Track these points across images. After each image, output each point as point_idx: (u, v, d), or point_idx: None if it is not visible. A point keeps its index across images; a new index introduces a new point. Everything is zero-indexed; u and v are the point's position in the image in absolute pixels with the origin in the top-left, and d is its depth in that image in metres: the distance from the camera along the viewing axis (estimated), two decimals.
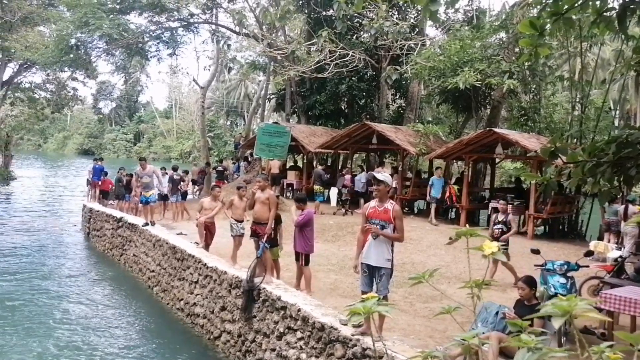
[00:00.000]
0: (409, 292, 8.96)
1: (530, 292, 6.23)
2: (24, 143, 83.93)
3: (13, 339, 9.17)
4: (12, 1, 36.05)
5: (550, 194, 13.38)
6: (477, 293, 1.81)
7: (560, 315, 1.25)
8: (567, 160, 4.10)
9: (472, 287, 1.83)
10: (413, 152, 16.91)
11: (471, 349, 1.55)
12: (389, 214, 6.41)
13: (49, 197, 30.95)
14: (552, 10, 3.99)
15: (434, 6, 4.03)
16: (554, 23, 3.99)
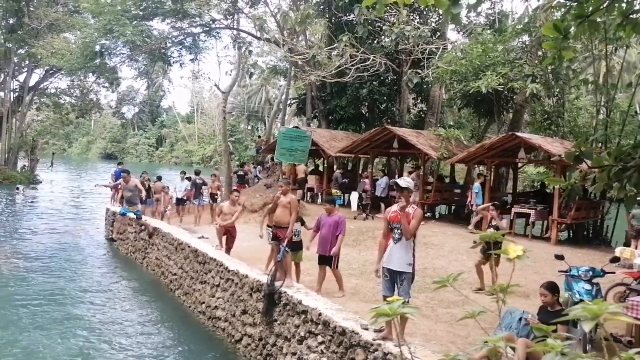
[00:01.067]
0: (430, 297, 8.91)
1: (553, 298, 6.13)
2: (49, 147, 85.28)
3: (37, 340, 9.31)
4: (39, 8, 36.82)
5: (575, 199, 13.19)
6: (502, 297, 1.79)
7: (590, 318, 1.23)
8: (592, 164, 4.05)
9: (497, 291, 1.82)
10: (434, 156, 16.82)
11: (497, 352, 1.53)
12: (410, 217, 6.39)
13: (73, 201, 31.43)
14: (577, 13, 3.94)
15: (455, 9, 4.01)
16: (578, 26, 3.94)
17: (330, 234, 8.84)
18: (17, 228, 21.03)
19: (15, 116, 40.19)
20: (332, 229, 8.84)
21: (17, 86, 41.37)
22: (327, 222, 9.00)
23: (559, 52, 4.11)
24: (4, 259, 15.19)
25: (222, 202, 13.30)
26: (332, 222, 8.90)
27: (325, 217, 9.15)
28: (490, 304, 2.12)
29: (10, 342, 9.16)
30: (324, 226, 9.01)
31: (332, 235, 8.84)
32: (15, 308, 10.96)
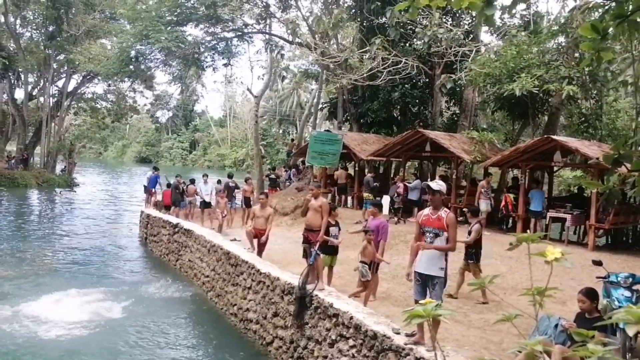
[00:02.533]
0: (463, 302, 8.79)
1: (592, 305, 5.97)
2: (86, 151, 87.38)
3: (72, 336, 9.52)
4: (77, 16, 37.77)
5: (613, 203, 12.86)
6: (539, 301, 1.75)
7: (634, 322, 1.19)
8: (632, 168, 3.93)
9: (534, 294, 1.78)
10: (467, 159, 16.61)
11: (535, 357, 1.50)
12: (443, 221, 6.33)
13: (109, 203, 32.08)
14: (616, 13, 3.84)
15: (489, 10, 3.95)
16: (617, 26, 3.83)
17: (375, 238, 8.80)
18: (56, 229, 21.58)
19: (54, 121, 41.26)
20: (374, 234, 8.80)
21: (56, 91, 42.49)
22: (371, 226, 8.99)
23: (597, 53, 4.01)
24: (44, 258, 15.60)
25: (254, 206, 13.39)
26: (374, 227, 8.86)
27: (371, 220, 9.15)
28: (527, 308, 2.08)
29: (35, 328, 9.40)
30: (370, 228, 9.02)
31: (376, 238, 8.79)
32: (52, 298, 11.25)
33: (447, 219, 6.35)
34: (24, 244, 18.06)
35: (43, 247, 17.61)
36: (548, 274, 1.93)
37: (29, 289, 12.39)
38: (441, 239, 6.35)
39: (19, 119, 41.17)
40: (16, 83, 42.75)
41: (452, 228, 6.35)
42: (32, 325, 9.97)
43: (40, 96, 43.48)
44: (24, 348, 9.00)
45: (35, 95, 44.28)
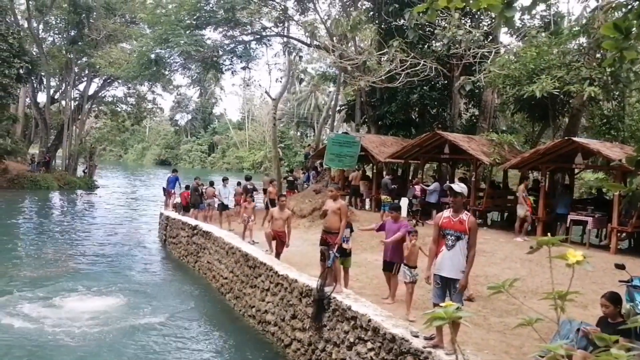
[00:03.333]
0: (482, 305, 8.71)
1: (615, 309, 5.87)
2: (106, 154, 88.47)
3: (91, 336, 9.62)
4: (98, 20, 38.31)
5: (636, 206, 12.65)
6: (560, 305, 1.73)
7: None
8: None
9: (555, 298, 1.75)
10: (487, 162, 16.48)
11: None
12: (465, 224, 6.27)
13: (129, 205, 32.42)
14: (639, 11, 3.78)
15: (509, 12, 3.91)
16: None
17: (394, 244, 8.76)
18: (77, 231, 21.87)
19: (75, 124, 41.85)
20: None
21: (77, 95, 43.13)
22: (391, 229, 8.95)
23: (620, 53, 3.95)
24: (65, 260, 15.81)
25: (272, 208, 13.43)
26: (396, 230, 8.84)
27: (391, 224, 9.11)
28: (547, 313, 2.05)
29: (59, 328, 9.51)
30: (388, 232, 8.98)
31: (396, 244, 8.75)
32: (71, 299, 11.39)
33: (469, 223, 6.29)
34: (47, 245, 18.33)
35: (65, 248, 17.85)
36: (569, 278, 1.90)
37: (52, 289, 12.56)
38: (462, 242, 6.28)
39: (41, 122, 41.84)
40: (39, 87, 43.47)
41: (473, 232, 6.30)
42: (55, 326, 10.10)
43: (62, 100, 44.16)
44: (47, 348, 9.12)
45: (57, 99, 44.99)
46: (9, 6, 35.88)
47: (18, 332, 9.68)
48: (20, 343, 9.23)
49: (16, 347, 9.08)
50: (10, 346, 9.09)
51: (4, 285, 12.65)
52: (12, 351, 8.91)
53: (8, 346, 9.08)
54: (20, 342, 9.26)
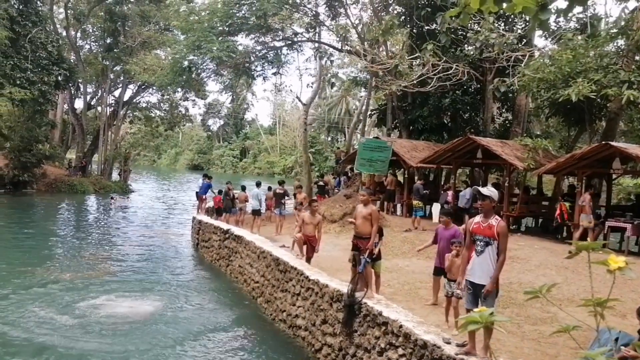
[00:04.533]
0: (516, 312, 8.55)
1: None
2: (140, 159, 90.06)
3: (119, 342, 9.78)
4: (133, 28, 39.13)
5: None
6: (600, 312, 1.68)
7: None
8: None
9: (595, 305, 1.71)
10: (520, 167, 16.21)
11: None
12: (493, 229, 6.18)
13: (162, 209, 32.91)
14: None
15: (544, 15, 3.84)
16: None
17: (447, 248, 8.65)
18: (112, 234, 22.30)
19: (110, 129, 42.76)
20: (448, 242, 8.67)
21: (113, 101, 44.08)
22: (443, 236, 8.85)
23: None
24: (101, 263, 16.13)
25: (303, 213, 13.44)
26: (449, 236, 8.73)
27: (442, 230, 9.01)
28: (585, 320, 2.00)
29: (94, 330, 9.70)
30: (441, 240, 8.88)
31: (448, 249, 8.63)
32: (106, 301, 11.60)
33: (498, 227, 6.18)
34: (83, 248, 18.73)
35: (100, 251, 18.22)
36: (607, 286, 1.85)
37: (88, 292, 12.82)
38: (491, 247, 6.19)
39: (78, 127, 42.89)
40: (76, 93, 44.60)
41: (502, 237, 6.18)
42: (89, 325, 10.31)
43: (98, 106, 45.26)
44: (80, 348, 9.30)
45: (93, 105, 46.11)
46: (48, 15, 36.94)
47: (55, 332, 9.90)
48: (56, 342, 9.44)
49: (50, 346, 9.29)
50: (45, 346, 9.31)
51: (42, 287, 12.97)
52: (50, 349, 9.13)
53: (42, 345, 9.30)
54: (56, 342, 9.46)
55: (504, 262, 6.23)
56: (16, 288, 12.66)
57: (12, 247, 17.99)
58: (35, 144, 34.18)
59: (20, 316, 10.70)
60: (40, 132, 35.11)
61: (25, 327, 10.08)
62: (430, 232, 15.72)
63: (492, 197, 6.37)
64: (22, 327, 10.11)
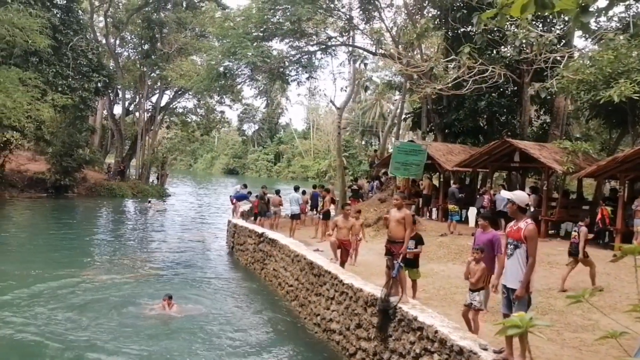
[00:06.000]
0: (556, 319, 8.33)
1: None
2: (177, 163, 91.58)
3: (160, 344, 9.91)
4: (170, 34, 39.87)
5: None
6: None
7: None
8: None
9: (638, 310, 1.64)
10: (559, 170, 15.83)
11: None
12: (521, 232, 6.13)
13: (198, 213, 33.34)
14: None
15: (585, 17, 3.72)
16: None
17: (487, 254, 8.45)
18: (149, 237, 22.70)
19: (148, 134, 43.59)
20: (487, 247, 8.49)
21: (150, 106, 44.95)
22: (481, 240, 8.62)
23: None
24: (140, 265, 16.43)
25: (336, 217, 13.44)
26: (487, 241, 8.52)
27: (480, 234, 8.83)
28: (630, 327, 1.93)
29: (132, 331, 9.86)
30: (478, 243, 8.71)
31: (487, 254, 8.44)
32: (145, 303, 11.81)
33: (526, 230, 6.12)
34: (121, 250, 19.12)
35: (139, 253, 18.56)
36: None
37: (128, 293, 13.07)
38: (520, 250, 6.15)
39: (117, 133, 43.89)
40: (115, 99, 45.69)
41: (530, 240, 6.09)
42: (127, 327, 10.50)
43: (136, 111, 46.21)
44: (117, 349, 9.47)
45: (131, 111, 47.12)
46: (89, 24, 37.96)
47: (99, 333, 10.12)
48: (93, 342, 9.64)
49: (83, 346, 9.49)
50: (78, 345, 9.51)
51: (81, 289, 13.27)
52: (85, 348, 9.32)
53: (74, 344, 9.50)
54: (97, 342, 9.66)
55: (533, 265, 6.11)
56: (58, 289, 12.99)
57: (54, 250, 18.48)
58: (76, 149, 35.12)
59: (65, 317, 10.96)
60: (81, 137, 36.04)
61: (70, 327, 10.32)
62: (466, 237, 15.54)
63: (513, 200, 6.29)
64: (67, 327, 10.35)
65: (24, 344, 9.46)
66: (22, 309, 11.23)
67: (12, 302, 11.71)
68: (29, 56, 29.83)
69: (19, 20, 25.84)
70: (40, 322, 10.55)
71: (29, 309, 11.31)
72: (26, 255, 17.50)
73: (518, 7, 3.25)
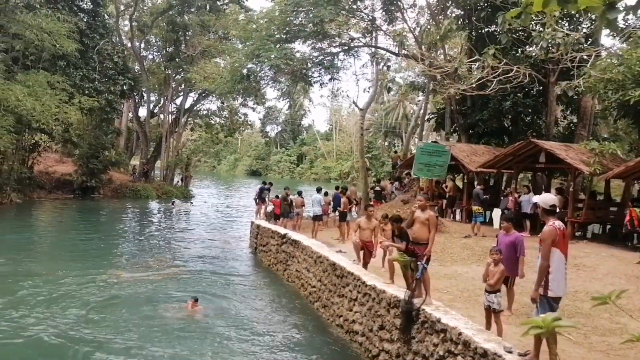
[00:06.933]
0: (582, 323, 8.19)
1: None
2: (201, 165, 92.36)
3: (184, 344, 10.00)
4: (194, 37, 40.25)
5: None
6: None
7: None
8: None
9: None
10: (586, 171, 15.57)
11: None
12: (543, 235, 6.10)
13: (221, 214, 33.57)
14: None
15: (612, 14, 3.65)
16: None
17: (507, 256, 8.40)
18: (174, 238, 22.93)
19: (172, 136, 44.04)
20: (509, 249, 8.44)
21: (175, 109, 45.41)
22: (503, 242, 8.60)
23: None
24: (165, 266, 16.60)
25: (360, 218, 13.41)
26: (509, 243, 8.49)
27: (503, 236, 8.79)
28: None
29: (157, 332, 9.97)
30: (501, 246, 8.66)
31: (510, 256, 8.38)
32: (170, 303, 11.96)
33: (541, 234, 6.15)
34: (146, 250, 19.35)
35: (163, 254, 18.75)
36: None
37: (154, 294, 13.22)
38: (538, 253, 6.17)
39: (142, 135, 44.46)
40: (140, 102, 46.30)
41: (542, 243, 6.10)
42: (151, 327, 10.62)
43: (161, 114, 46.77)
44: (153, 351, 9.59)
45: (156, 113, 47.70)
46: (114, 28, 38.54)
47: (117, 331, 10.26)
48: (118, 341, 9.77)
49: (107, 345, 9.63)
50: (102, 344, 9.65)
51: (107, 288, 13.47)
52: (110, 347, 9.46)
53: (98, 342, 9.64)
54: (118, 341, 9.80)
55: (543, 268, 6.06)
56: (84, 288, 13.20)
57: (81, 250, 18.79)
58: (102, 150, 35.67)
59: (90, 316, 11.14)
60: (107, 139, 36.59)
61: (94, 326, 10.49)
62: (490, 239, 15.36)
63: (537, 204, 6.29)
64: (91, 325, 10.52)
65: (49, 342, 9.63)
66: (49, 308, 11.44)
67: (39, 300, 11.93)
68: (56, 60, 30.40)
69: (47, 25, 26.39)
70: (64, 320, 10.74)
71: (55, 307, 11.52)
72: (54, 254, 17.86)
73: (540, 2, 3.22)
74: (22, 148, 31.07)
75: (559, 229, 6.06)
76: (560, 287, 6.06)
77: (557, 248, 6.05)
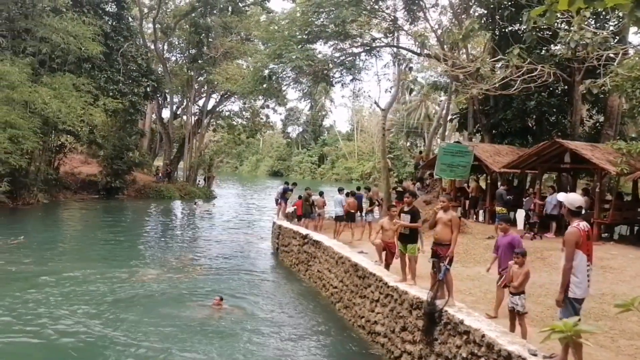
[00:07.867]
0: (610, 326, 8.05)
1: None
2: (223, 165, 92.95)
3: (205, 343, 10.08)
4: (216, 39, 40.54)
5: None
6: None
7: None
8: None
9: None
10: (613, 171, 15.29)
11: None
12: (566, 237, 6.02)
13: (244, 214, 33.75)
14: None
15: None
16: None
17: (504, 255, 8.36)
18: (196, 238, 23.17)
19: (195, 137, 44.40)
20: (507, 250, 8.38)
21: (197, 110, 45.77)
22: (501, 243, 8.57)
23: None
24: (187, 266, 16.75)
25: (382, 219, 13.34)
26: (507, 243, 8.45)
27: (501, 238, 8.74)
28: None
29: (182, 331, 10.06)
30: (499, 247, 8.62)
31: (507, 257, 8.33)
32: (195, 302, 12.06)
33: (565, 235, 6.05)
34: (169, 250, 19.56)
35: (186, 253, 18.94)
36: None
37: (178, 292, 13.36)
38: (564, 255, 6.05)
39: (165, 136, 44.93)
40: (163, 103, 46.79)
41: (565, 244, 6.01)
42: (173, 327, 10.73)
43: (184, 115, 47.19)
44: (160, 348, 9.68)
45: (179, 114, 48.14)
46: (138, 30, 39.02)
47: (142, 329, 10.38)
48: (143, 339, 9.88)
49: (132, 342, 9.73)
50: (119, 343, 9.76)
51: (131, 286, 13.64)
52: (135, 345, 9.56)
53: (123, 340, 9.76)
54: (143, 339, 9.90)
55: (566, 270, 5.96)
56: (108, 286, 13.39)
57: (106, 249, 19.09)
58: (126, 152, 36.15)
59: (114, 314, 11.29)
60: (131, 140, 37.08)
61: (119, 323, 10.63)
62: None
63: (564, 203, 6.21)
64: (115, 323, 10.66)
65: (75, 340, 9.79)
66: (74, 306, 11.62)
67: (64, 299, 12.14)
68: (82, 63, 30.92)
69: (73, 28, 26.86)
70: (89, 318, 10.90)
71: (82, 306, 11.70)
72: (80, 254, 18.16)
73: (565, 1, 3.17)
74: (49, 149, 31.65)
75: (583, 230, 5.96)
76: (582, 288, 5.96)
77: (580, 250, 5.95)
